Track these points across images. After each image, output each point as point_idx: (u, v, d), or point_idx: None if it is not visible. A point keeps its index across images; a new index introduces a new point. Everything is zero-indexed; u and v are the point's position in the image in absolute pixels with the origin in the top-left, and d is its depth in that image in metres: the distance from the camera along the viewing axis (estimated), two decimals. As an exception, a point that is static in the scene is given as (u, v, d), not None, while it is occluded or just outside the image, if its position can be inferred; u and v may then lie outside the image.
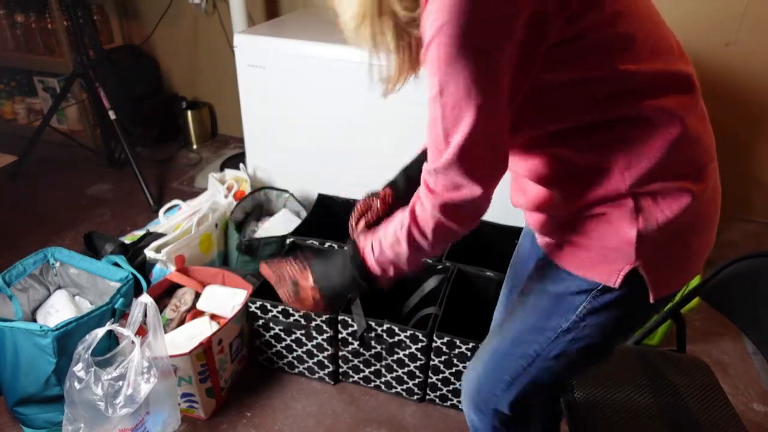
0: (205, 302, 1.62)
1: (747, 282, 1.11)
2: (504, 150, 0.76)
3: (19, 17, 2.76)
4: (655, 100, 0.75)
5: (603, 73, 0.72)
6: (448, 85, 0.69)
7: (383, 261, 0.86)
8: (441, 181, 0.76)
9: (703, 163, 0.82)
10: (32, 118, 3.03)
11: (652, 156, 0.75)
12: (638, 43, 0.73)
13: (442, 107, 0.71)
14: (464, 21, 0.63)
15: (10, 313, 1.52)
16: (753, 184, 2.43)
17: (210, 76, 3.01)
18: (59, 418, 1.43)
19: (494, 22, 0.65)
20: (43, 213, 2.42)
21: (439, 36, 0.65)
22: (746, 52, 2.18)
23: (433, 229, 0.80)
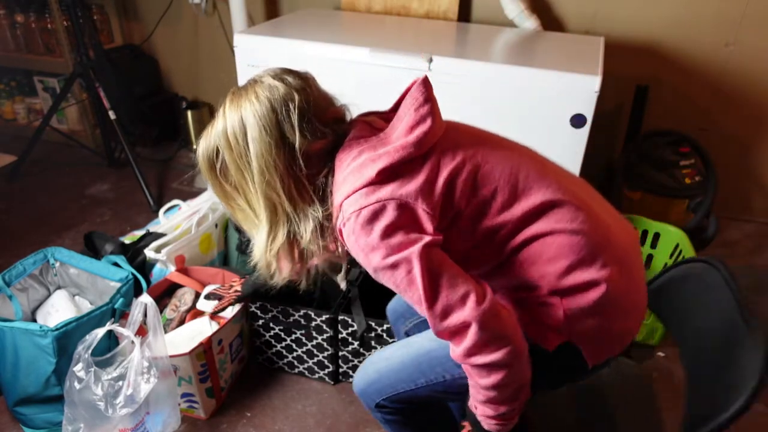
0: (204, 302, 1.62)
1: (677, 289, 1.13)
2: (459, 276, 0.87)
3: (19, 17, 2.76)
4: (532, 227, 0.92)
5: (484, 234, 0.92)
6: (401, 280, 0.86)
7: (501, 412, 0.91)
8: (446, 328, 0.86)
9: (601, 252, 0.94)
10: (32, 118, 3.03)
11: (555, 263, 0.92)
12: (500, 197, 0.92)
13: (408, 292, 0.86)
14: (373, 239, 0.85)
15: (10, 313, 1.52)
16: (753, 184, 2.43)
17: (210, 76, 3.01)
18: (59, 418, 1.43)
19: (393, 233, 0.85)
20: (43, 213, 2.42)
21: (369, 254, 0.86)
22: (746, 52, 2.18)
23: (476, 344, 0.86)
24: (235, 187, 0.95)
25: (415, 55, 1.76)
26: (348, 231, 0.87)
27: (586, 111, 1.65)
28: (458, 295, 0.85)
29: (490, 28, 2.20)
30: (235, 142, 0.91)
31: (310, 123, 0.91)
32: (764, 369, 0.86)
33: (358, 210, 0.86)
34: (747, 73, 2.21)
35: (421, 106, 0.92)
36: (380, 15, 2.40)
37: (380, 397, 1.08)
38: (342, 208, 0.89)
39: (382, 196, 0.86)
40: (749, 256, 2.27)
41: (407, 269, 0.84)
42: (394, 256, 0.84)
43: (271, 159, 0.89)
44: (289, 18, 2.32)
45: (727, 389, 0.90)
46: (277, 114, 0.89)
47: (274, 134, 0.89)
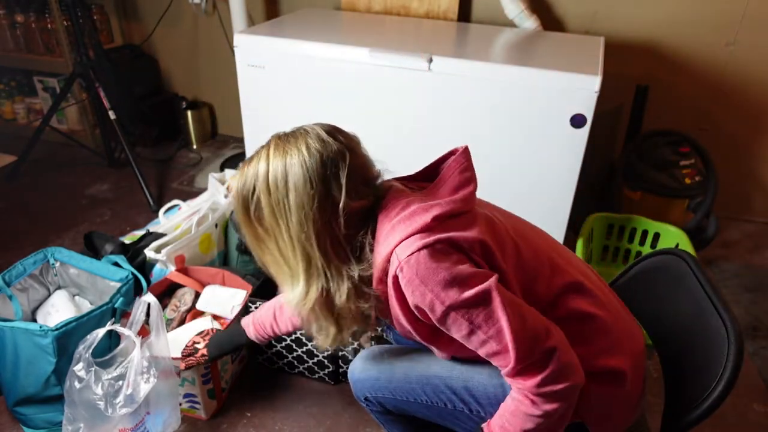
0: (204, 302, 1.62)
1: (648, 280, 1.14)
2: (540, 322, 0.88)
3: (19, 17, 2.76)
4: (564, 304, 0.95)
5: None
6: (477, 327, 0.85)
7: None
8: (525, 380, 0.86)
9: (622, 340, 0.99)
10: (32, 118, 3.03)
11: (584, 344, 0.93)
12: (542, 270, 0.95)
13: (485, 341, 0.86)
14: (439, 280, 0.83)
15: (10, 313, 1.52)
16: (753, 184, 2.43)
17: (210, 76, 3.01)
18: (59, 418, 1.43)
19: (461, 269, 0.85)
20: (43, 213, 2.42)
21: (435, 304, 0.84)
22: (746, 52, 2.18)
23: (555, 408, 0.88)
24: (267, 231, 0.93)
25: (415, 55, 1.76)
26: (409, 275, 0.85)
27: (586, 111, 1.65)
28: (542, 324, 0.86)
29: (490, 28, 2.20)
30: (275, 187, 0.89)
31: (356, 184, 0.91)
32: (737, 361, 0.87)
33: (416, 251, 0.84)
34: (747, 73, 2.21)
35: (466, 170, 0.95)
36: (380, 15, 2.40)
37: (372, 394, 1.10)
38: (393, 256, 0.87)
39: (442, 237, 0.85)
40: (749, 256, 2.27)
41: (485, 304, 0.83)
42: (472, 289, 0.83)
43: (311, 212, 0.88)
44: (289, 18, 2.32)
45: (702, 381, 0.91)
46: (326, 170, 0.88)
47: (319, 189, 0.88)
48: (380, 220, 0.92)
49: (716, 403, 0.86)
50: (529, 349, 0.84)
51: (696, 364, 0.96)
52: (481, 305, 0.83)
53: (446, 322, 0.86)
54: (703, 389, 0.89)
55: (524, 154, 1.77)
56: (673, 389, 1.00)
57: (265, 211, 0.91)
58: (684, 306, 1.03)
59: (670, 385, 1.02)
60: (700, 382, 0.91)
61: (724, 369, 0.87)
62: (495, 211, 1.01)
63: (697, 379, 0.93)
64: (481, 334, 0.85)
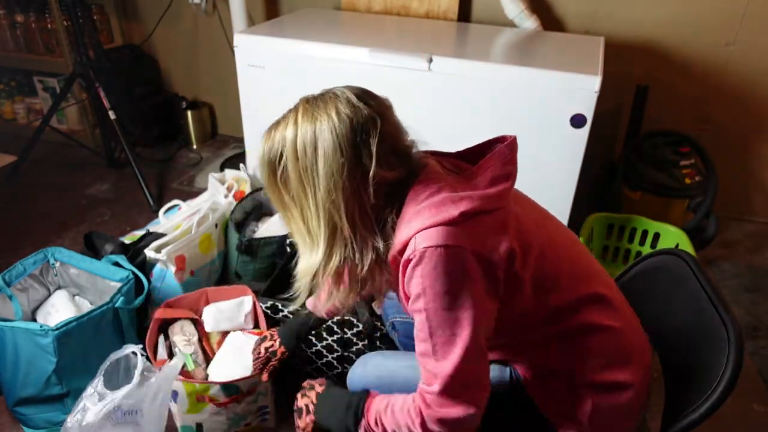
0: (213, 323, 1.55)
1: (648, 280, 1.14)
2: (486, 374, 0.89)
3: (19, 17, 2.76)
4: (582, 315, 0.94)
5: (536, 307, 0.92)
6: (436, 331, 0.84)
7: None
8: (436, 402, 0.86)
9: (631, 353, 0.99)
10: (32, 118, 3.03)
11: (596, 355, 0.95)
12: (563, 279, 0.94)
13: (432, 349, 0.85)
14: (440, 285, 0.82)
15: (10, 313, 1.52)
16: (753, 184, 2.43)
17: (210, 76, 3.01)
18: (59, 418, 1.43)
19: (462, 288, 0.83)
20: (43, 213, 2.42)
21: (420, 299, 0.84)
22: (746, 52, 2.18)
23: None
24: (293, 197, 0.90)
25: (415, 55, 1.77)
26: (416, 264, 0.83)
27: (586, 111, 1.65)
28: (474, 391, 0.86)
29: (490, 28, 2.20)
30: (303, 153, 0.85)
31: (387, 152, 0.88)
32: (738, 361, 0.87)
33: (435, 246, 0.82)
34: (747, 73, 2.21)
35: (508, 163, 0.92)
36: (380, 15, 2.40)
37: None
38: (412, 241, 0.85)
39: (464, 244, 0.83)
40: (749, 256, 2.27)
41: (452, 334, 0.83)
42: (454, 315, 0.83)
43: (340, 180, 0.84)
44: (289, 18, 2.32)
45: (703, 382, 0.91)
46: (356, 136, 0.85)
47: (349, 156, 0.84)
48: (408, 199, 0.88)
49: (717, 404, 0.86)
50: (455, 389, 0.84)
51: (696, 365, 0.96)
52: (447, 332, 0.84)
53: (414, 313, 0.87)
54: (704, 390, 0.88)
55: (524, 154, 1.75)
56: (674, 390, 1.00)
57: (292, 177, 0.87)
58: (684, 306, 1.03)
59: (670, 386, 1.02)
60: (700, 382, 0.91)
61: (724, 369, 0.87)
62: (528, 208, 0.98)
63: (697, 379, 0.93)
64: (426, 344, 0.85)
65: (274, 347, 1.26)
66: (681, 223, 2.06)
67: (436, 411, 0.86)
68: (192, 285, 1.78)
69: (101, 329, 1.44)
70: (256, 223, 2.02)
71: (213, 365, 1.45)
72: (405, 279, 0.87)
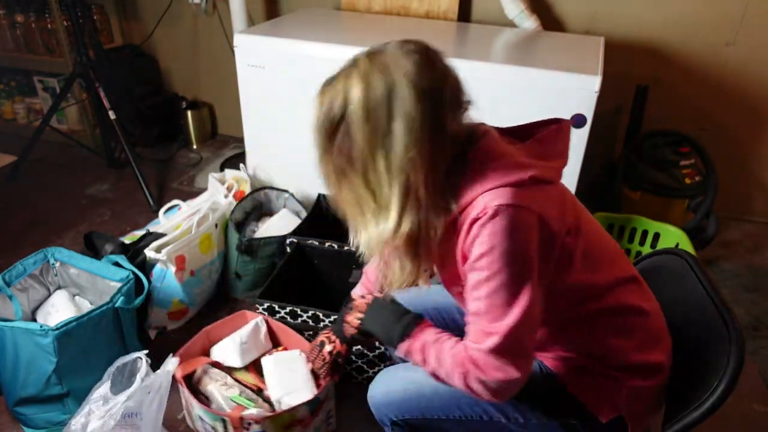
0: (241, 357, 1.44)
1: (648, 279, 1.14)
2: (533, 344, 0.88)
3: (19, 17, 2.76)
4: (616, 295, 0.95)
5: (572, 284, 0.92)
6: (498, 291, 0.83)
7: (418, 360, 0.94)
8: (482, 360, 0.85)
9: (662, 336, 1.01)
10: (32, 118, 3.03)
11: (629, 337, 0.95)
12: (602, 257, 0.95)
13: (488, 309, 0.84)
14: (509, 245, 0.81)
15: (10, 313, 1.52)
16: (753, 184, 2.43)
17: (210, 76, 3.01)
18: (59, 418, 1.43)
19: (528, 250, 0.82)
20: (43, 213, 2.42)
21: (485, 257, 0.82)
22: (746, 52, 2.18)
23: (476, 394, 0.88)
24: (353, 161, 0.83)
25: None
26: (492, 223, 0.80)
27: (586, 111, 1.65)
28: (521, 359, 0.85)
29: (490, 28, 2.20)
30: (375, 111, 0.79)
31: (456, 106, 0.84)
32: (739, 361, 0.87)
33: (507, 205, 0.80)
34: (747, 73, 2.21)
35: (565, 144, 0.93)
36: (380, 15, 2.40)
37: (399, 416, 1.05)
38: (480, 199, 0.82)
39: (533, 207, 0.82)
40: (749, 256, 2.27)
41: (513, 295, 0.82)
42: (517, 274, 0.81)
43: (420, 135, 0.79)
44: (289, 18, 2.32)
45: (703, 381, 0.91)
46: (433, 87, 0.79)
47: (427, 109, 0.79)
48: (473, 159, 0.85)
49: (718, 403, 0.86)
50: (515, 343, 0.84)
51: (697, 364, 0.96)
52: (510, 292, 0.82)
53: (473, 272, 0.84)
54: (704, 389, 0.89)
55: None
56: (674, 388, 1.00)
57: (358, 139, 0.81)
58: (684, 306, 1.03)
59: (670, 385, 1.02)
60: (701, 381, 0.91)
61: (725, 369, 0.87)
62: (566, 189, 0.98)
63: (698, 378, 0.93)
64: (486, 305, 0.84)
65: (336, 348, 1.15)
66: (681, 223, 2.05)
67: (480, 370, 0.85)
68: (192, 285, 1.78)
69: (101, 329, 1.44)
70: (256, 223, 2.02)
71: (279, 394, 1.34)
72: (469, 237, 0.84)
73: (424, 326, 0.96)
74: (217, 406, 1.32)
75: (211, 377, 1.39)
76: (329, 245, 1.75)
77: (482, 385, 0.85)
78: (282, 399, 1.32)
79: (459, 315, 1.20)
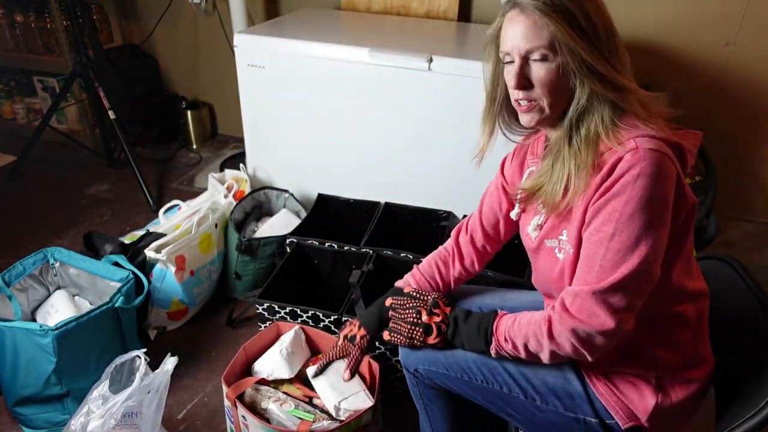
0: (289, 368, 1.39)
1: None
2: (645, 295, 0.86)
3: (18, 17, 2.76)
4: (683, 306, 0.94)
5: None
6: (621, 234, 0.82)
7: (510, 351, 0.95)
8: (578, 304, 0.85)
9: (708, 357, 1.00)
10: (32, 117, 3.03)
11: (676, 350, 0.94)
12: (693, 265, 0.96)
13: (607, 250, 0.83)
14: (651, 188, 0.81)
15: (10, 313, 1.52)
16: (753, 184, 2.43)
17: (210, 76, 3.01)
18: (59, 418, 1.43)
19: (664, 203, 0.83)
20: (42, 213, 2.42)
21: (624, 194, 0.82)
22: (746, 52, 2.18)
23: (564, 351, 0.88)
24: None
25: (415, 55, 1.76)
26: (640, 164, 0.81)
27: (586, 111, 1.64)
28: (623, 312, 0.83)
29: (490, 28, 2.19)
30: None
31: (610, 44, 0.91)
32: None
33: (659, 152, 0.82)
34: (747, 73, 2.21)
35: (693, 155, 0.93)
36: (380, 15, 2.40)
37: (425, 366, 1.07)
38: (631, 141, 0.84)
39: (678, 168, 0.85)
40: (749, 256, 2.27)
41: (637, 241, 0.82)
42: (648, 221, 0.81)
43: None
44: (289, 18, 2.32)
45: (757, 391, 0.88)
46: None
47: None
48: (636, 106, 0.89)
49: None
50: (623, 292, 0.82)
51: (747, 373, 0.93)
52: (635, 236, 0.82)
53: (599, 211, 0.85)
54: (757, 400, 0.86)
55: (524, 154, 1.77)
56: (723, 399, 0.97)
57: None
58: (733, 312, 1.02)
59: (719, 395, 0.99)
60: (753, 392, 0.89)
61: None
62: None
63: (748, 389, 0.91)
64: (605, 246, 0.83)
65: (353, 332, 1.18)
66: (681, 223, 2.05)
67: (574, 317, 0.85)
68: (192, 285, 1.78)
69: (101, 329, 1.44)
70: (256, 223, 2.02)
71: (336, 399, 1.29)
72: (613, 174, 0.84)
73: (500, 319, 0.98)
74: (278, 424, 1.28)
75: (263, 395, 1.34)
76: (329, 245, 1.75)
77: (573, 334, 0.85)
78: (340, 404, 1.29)
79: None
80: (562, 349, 0.88)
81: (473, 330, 0.99)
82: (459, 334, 1.02)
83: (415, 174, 1.96)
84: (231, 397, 1.30)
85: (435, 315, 1.04)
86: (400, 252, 1.70)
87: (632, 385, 0.95)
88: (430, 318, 1.04)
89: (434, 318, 1.04)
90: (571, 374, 0.99)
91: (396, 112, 1.87)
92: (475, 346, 0.99)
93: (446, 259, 1.20)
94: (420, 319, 1.05)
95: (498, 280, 1.58)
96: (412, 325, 1.05)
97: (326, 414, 1.30)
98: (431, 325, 1.04)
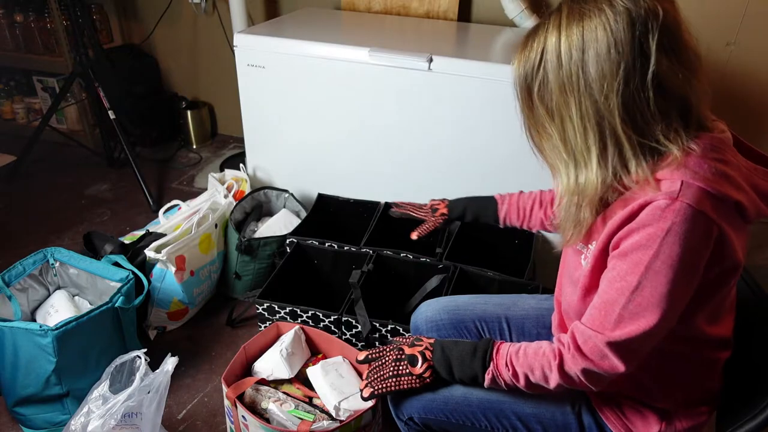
0: (289, 368, 1.39)
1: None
2: (659, 341, 0.83)
3: (18, 17, 2.76)
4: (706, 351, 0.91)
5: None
6: (644, 289, 0.78)
7: (507, 379, 0.92)
8: (591, 346, 0.83)
9: (717, 394, 0.98)
10: (31, 117, 3.03)
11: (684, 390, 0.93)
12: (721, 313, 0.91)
13: (628, 301, 0.79)
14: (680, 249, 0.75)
15: (10, 313, 1.52)
16: (753, 184, 2.43)
17: (210, 76, 3.01)
18: (59, 418, 1.43)
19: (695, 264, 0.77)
20: (42, 213, 2.41)
21: (653, 248, 0.76)
22: (746, 52, 2.18)
23: (572, 384, 0.87)
24: (551, 112, 0.82)
25: (415, 55, 1.76)
26: (674, 216, 0.74)
27: (586, 111, 1.64)
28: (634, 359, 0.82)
29: (490, 28, 2.20)
30: (568, 58, 0.77)
31: (674, 48, 0.78)
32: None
33: (698, 209, 0.74)
34: (747, 73, 2.21)
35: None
36: (380, 15, 2.40)
37: (421, 415, 1.02)
38: (676, 183, 0.76)
39: (723, 228, 0.77)
40: (749, 256, 2.26)
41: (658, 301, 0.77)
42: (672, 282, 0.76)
43: (615, 83, 0.75)
44: (289, 18, 2.32)
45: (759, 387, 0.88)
46: (635, 30, 0.74)
47: (626, 52, 0.74)
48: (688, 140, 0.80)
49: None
50: (637, 344, 0.80)
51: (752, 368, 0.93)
52: (657, 296, 0.77)
53: (621, 257, 0.79)
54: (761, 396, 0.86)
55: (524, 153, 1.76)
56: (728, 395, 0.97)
57: (553, 88, 0.79)
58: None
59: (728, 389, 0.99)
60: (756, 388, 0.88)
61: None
62: None
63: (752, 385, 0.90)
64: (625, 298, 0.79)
65: (437, 205, 1.28)
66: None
67: (587, 357, 0.83)
68: (192, 285, 1.78)
69: (101, 329, 1.43)
70: (256, 223, 2.02)
71: (336, 399, 1.30)
72: (637, 214, 0.78)
73: (499, 345, 0.95)
74: (278, 424, 1.28)
75: (263, 395, 1.34)
76: (329, 245, 1.75)
77: (585, 374, 0.84)
78: (340, 404, 1.29)
79: (506, 323, 1.18)
80: (570, 383, 0.87)
81: (467, 352, 0.95)
82: (448, 357, 0.97)
83: (415, 174, 1.96)
84: (231, 397, 1.30)
85: (418, 346, 1.00)
86: (400, 252, 1.70)
87: (638, 412, 0.95)
88: (413, 349, 1.00)
89: (416, 348, 1.00)
90: (582, 406, 0.99)
91: (396, 112, 1.87)
92: (468, 370, 0.94)
93: (543, 201, 1.23)
94: (403, 354, 1.00)
95: (498, 280, 1.58)
96: (396, 362, 1.00)
97: (326, 414, 1.31)
98: (416, 355, 0.99)
